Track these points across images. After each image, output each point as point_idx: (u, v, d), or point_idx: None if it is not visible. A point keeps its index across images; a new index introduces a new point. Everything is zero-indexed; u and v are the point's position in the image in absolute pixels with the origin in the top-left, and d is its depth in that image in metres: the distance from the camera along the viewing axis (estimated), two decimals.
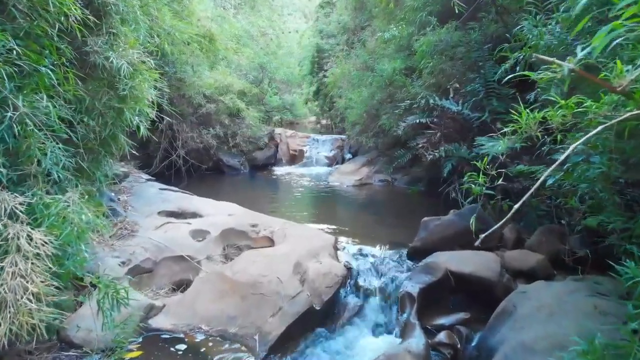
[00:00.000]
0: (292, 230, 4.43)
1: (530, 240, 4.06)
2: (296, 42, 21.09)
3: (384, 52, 8.17)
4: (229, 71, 9.84)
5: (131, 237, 4.19)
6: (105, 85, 3.80)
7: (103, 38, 3.76)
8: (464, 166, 5.34)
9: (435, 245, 3.98)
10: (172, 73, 7.95)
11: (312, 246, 3.91)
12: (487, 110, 5.23)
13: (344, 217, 5.80)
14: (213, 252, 4.12)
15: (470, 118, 5.30)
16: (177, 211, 4.92)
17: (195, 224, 4.48)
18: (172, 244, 4.08)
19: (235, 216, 4.78)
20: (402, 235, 4.77)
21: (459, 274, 3.55)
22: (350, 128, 9.75)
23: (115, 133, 3.86)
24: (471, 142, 5.50)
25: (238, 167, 9.59)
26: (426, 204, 6.23)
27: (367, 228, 5.13)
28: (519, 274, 3.76)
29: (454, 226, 4.01)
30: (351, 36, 12.08)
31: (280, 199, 7.30)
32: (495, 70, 5.36)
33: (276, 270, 3.40)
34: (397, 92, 6.99)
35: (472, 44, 5.67)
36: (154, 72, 4.26)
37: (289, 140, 12.03)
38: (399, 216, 5.64)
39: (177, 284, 3.91)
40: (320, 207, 6.29)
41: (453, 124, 5.63)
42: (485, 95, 5.27)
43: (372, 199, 6.98)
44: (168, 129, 8.52)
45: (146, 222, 4.49)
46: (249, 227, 4.54)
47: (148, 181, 5.85)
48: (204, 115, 8.96)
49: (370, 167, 8.39)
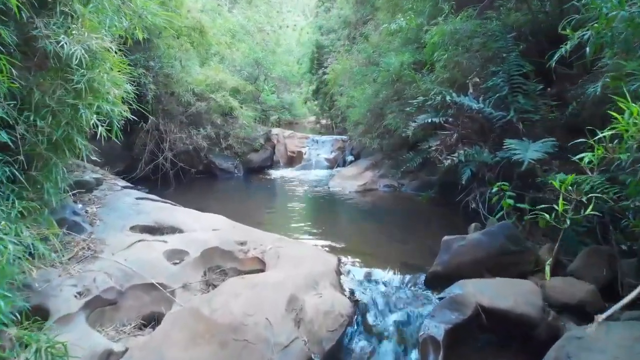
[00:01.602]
0: (287, 250, 3.74)
1: (573, 265, 3.37)
2: (295, 40, 20.41)
3: (390, 45, 7.48)
4: (221, 67, 9.14)
5: (94, 260, 3.49)
6: (59, 78, 3.12)
7: (56, 20, 3.09)
8: (486, 172, 4.66)
9: (459, 271, 3.29)
10: (157, 68, 7.25)
11: (310, 272, 3.22)
12: (511, 108, 4.54)
13: (347, 229, 5.10)
14: (191, 277, 3.43)
15: (493, 117, 4.61)
16: (154, 225, 4.22)
17: (173, 242, 3.79)
18: (143, 268, 3.38)
19: (221, 232, 4.08)
20: (417, 254, 4.08)
21: (493, 310, 2.86)
22: (352, 128, 9.05)
23: (71, 135, 3.18)
24: (493, 145, 4.81)
25: (231, 170, 8.89)
26: (440, 214, 5.55)
27: (375, 244, 4.44)
28: (564, 307, 3.08)
29: (482, 248, 3.31)
30: (352, 31, 11.39)
31: (276, 206, 6.61)
32: (519, 62, 4.69)
33: (265, 307, 2.71)
34: (405, 88, 6.30)
35: (493, 33, 4.98)
36: (121, 61, 3.58)
37: (287, 141, 11.33)
38: (410, 229, 4.95)
39: (147, 318, 3.21)
40: (320, 217, 5.59)
41: (471, 124, 4.94)
42: (510, 91, 4.58)
43: (378, 207, 6.29)
44: (154, 129, 7.83)
45: (115, 240, 3.79)
46: (236, 245, 3.84)
47: (125, 189, 5.15)
48: (194, 115, 8.26)
49: (375, 171, 7.70)
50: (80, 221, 3.93)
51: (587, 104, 4.51)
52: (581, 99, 4.39)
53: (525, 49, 4.98)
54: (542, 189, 4.30)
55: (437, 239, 4.49)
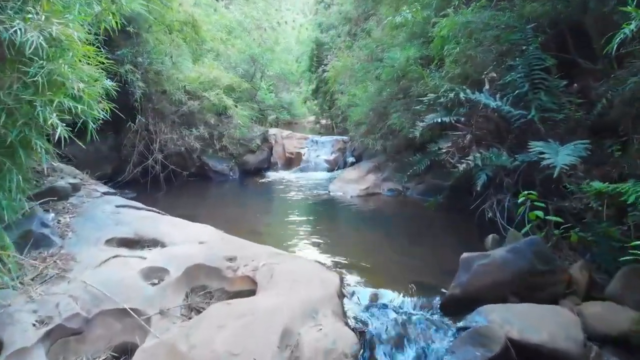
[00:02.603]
0: (283, 267, 3.29)
1: (612, 287, 2.91)
2: (294, 39, 19.97)
3: (394, 40, 7.02)
4: (216, 64, 8.68)
5: (60, 280, 3.03)
6: (16, 70, 2.68)
7: (13, 3, 2.66)
8: (503, 177, 4.20)
9: (481, 294, 2.84)
10: (147, 64, 6.79)
11: (308, 296, 2.77)
12: (532, 106, 4.09)
13: (350, 240, 4.65)
14: (171, 301, 2.97)
15: (511, 117, 4.16)
16: (133, 238, 3.76)
17: (152, 258, 3.33)
18: (115, 291, 2.92)
19: (208, 245, 3.63)
20: (428, 270, 3.63)
21: (525, 345, 2.41)
22: (353, 128, 8.60)
23: (29, 136, 2.73)
24: (510, 147, 4.36)
25: (226, 172, 8.43)
26: (451, 222, 5.09)
27: (381, 258, 3.98)
28: (605, 339, 2.63)
29: (508, 267, 2.86)
30: (353, 27, 10.94)
31: (272, 213, 6.15)
32: (540, 55, 4.24)
33: (254, 343, 2.26)
34: (412, 85, 5.85)
35: (510, 25, 4.52)
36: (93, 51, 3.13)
37: (285, 141, 10.88)
38: (419, 240, 4.49)
39: (119, 349, 2.76)
40: (319, 225, 5.14)
41: (486, 123, 4.49)
42: (530, 88, 4.13)
43: (382, 214, 5.84)
44: (144, 130, 7.37)
45: (86, 256, 3.34)
46: (225, 261, 3.39)
47: (105, 195, 4.68)
48: (187, 114, 7.80)
49: (378, 174, 7.24)
50: (49, 234, 3.47)
51: (616, 103, 4.07)
52: (609, 96, 3.95)
53: (543, 41, 4.54)
54: (568, 197, 3.86)
55: (450, 252, 4.07)
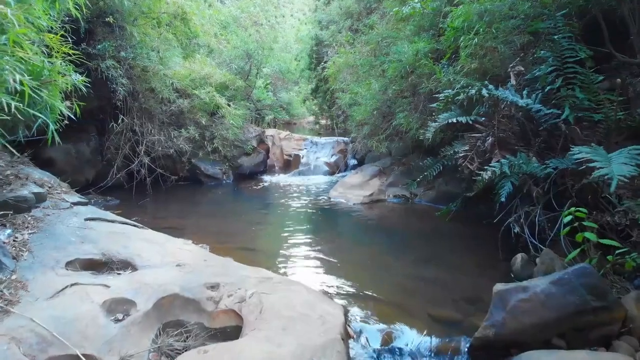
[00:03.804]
0: (275, 297, 2.73)
1: None
2: (293, 37, 19.41)
3: (400, 34, 6.46)
4: (208, 60, 8.12)
5: (3, 316, 2.47)
6: None
7: None
8: (532, 186, 3.65)
9: (521, 337, 2.29)
10: (130, 59, 6.22)
11: (305, 343, 2.21)
12: (566, 104, 3.53)
13: (354, 257, 4.07)
14: (136, 343, 2.40)
15: (541, 117, 3.60)
16: (99, 259, 3.19)
17: (118, 286, 2.76)
18: (69, 330, 2.36)
19: (188, 268, 3.07)
20: (448, 298, 3.07)
21: None
22: (355, 129, 8.05)
23: None
24: (538, 152, 3.80)
25: (219, 176, 7.87)
26: (468, 235, 4.52)
27: (391, 282, 3.41)
28: None
29: (553, 304, 2.30)
30: (355, 22, 10.37)
31: (266, 223, 5.57)
32: (574, 45, 3.69)
33: None
34: (422, 82, 5.29)
35: (538, 12, 3.97)
36: (50, 37, 2.58)
37: (282, 143, 10.34)
38: (433, 258, 3.91)
39: None
40: (319, 240, 4.56)
41: (510, 124, 3.93)
42: (563, 83, 3.57)
43: (389, 225, 5.27)
44: (129, 131, 6.81)
45: (41, 284, 2.77)
46: (206, 290, 2.82)
47: (76, 205, 4.12)
48: (176, 114, 7.25)
49: (382, 179, 6.69)
50: (0, 255, 2.91)
51: None
52: None
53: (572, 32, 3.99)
54: (609, 211, 3.31)
55: (471, 274, 3.51)
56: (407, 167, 6.48)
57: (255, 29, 10.68)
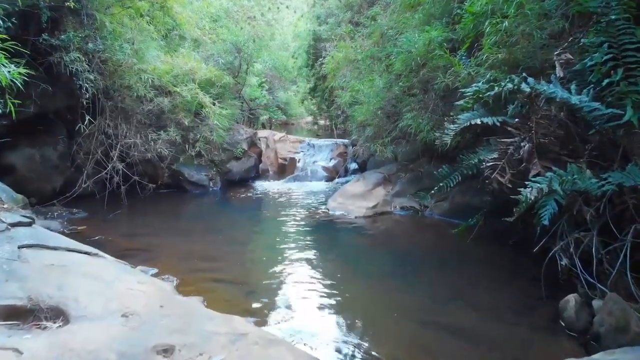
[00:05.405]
0: None
1: None
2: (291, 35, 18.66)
3: (407, 23, 5.68)
4: (193, 54, 7.32)
5: None
6: None
7: None
8: (583, 207, 2.88)
9: None
10: (98, 51, 5.44)
11: None
12: (628, 102, 2.77)
13: (357, 294, 3.25)
14: None
15: (595, 118, 2.84)
16: (23, 305, 2.41)
17: (33, 353, 1.99)
18: None
19: (134, 321, 2.29)
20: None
21: None
22: (356, 130, 7.28)
23: None
24: (589, 162, 3.04)
25: (205, 183, 7.09)
26: (495, 261, 3.75)
27: (405, 336, 2.61)
28: None
29: None
30: (356, 14, 9.60)
31: (253, 243, 4.74)
32: (633, 29, 2.94)
33: None
34: (436, 76, 4.52)
35: None
36: None
37: (277, 145, 9.57)
38: (457, 296, 3.06)
39: None
40: (313, 268, 3.72)
41: (551, 127, 3.16)
42: (623, 77, 2.81)
43: (398, 246, 4.46)
44: (101, 133, 6.03)
45: None
46: (155, 356, 2.05)
47: (14, 227, 3.33)
48: (155, 114, 6.47)
49: (388, 188, 5.92)
50: None
51: None
52: None
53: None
54: None
55: (508, 320, 2.69)
56: (415, 174, 5.71)
57: (248, 23, 9.91)
